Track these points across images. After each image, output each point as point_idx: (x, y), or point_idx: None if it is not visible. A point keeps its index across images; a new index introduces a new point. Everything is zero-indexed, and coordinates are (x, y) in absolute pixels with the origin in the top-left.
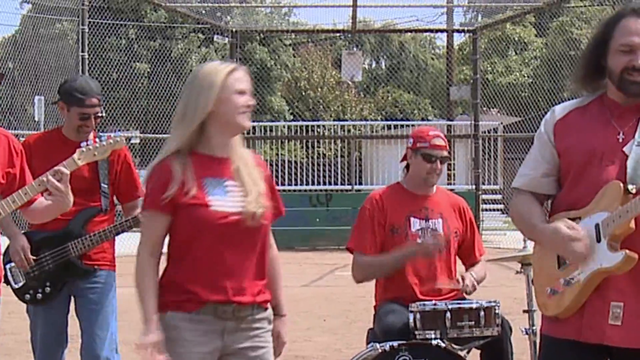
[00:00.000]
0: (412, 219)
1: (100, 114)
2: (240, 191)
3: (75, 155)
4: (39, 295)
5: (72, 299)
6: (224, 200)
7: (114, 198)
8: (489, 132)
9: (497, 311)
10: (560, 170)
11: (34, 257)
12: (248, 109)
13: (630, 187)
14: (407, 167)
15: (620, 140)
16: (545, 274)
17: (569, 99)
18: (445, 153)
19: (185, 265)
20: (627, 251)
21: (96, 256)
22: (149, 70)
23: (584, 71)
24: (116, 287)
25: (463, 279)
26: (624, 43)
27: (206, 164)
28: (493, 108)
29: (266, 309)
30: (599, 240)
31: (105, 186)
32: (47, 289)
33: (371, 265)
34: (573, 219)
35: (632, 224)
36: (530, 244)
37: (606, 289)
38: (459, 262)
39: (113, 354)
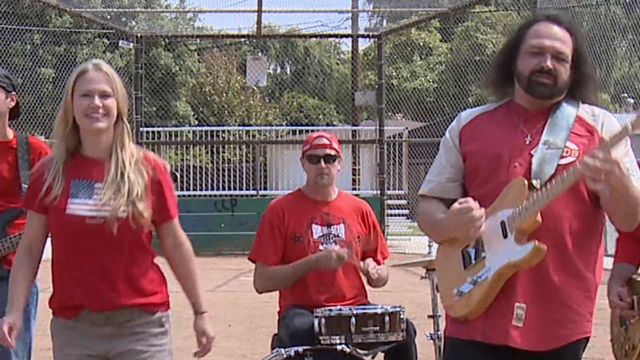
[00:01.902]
0: (313, 225)
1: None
2: (106, 194)
3: None
4: None
5: None
6: (86, 204)
7: None
8: (394, 137)
9: (402, 316)
10: (465, 172)
11: None
12: (92, 111)
13: (534, 182)
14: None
15: (528, 142)
16: (450, 275)
17: (474, 104)
18: (329, 151)
19: (58, 270)
20: (537, 242)
21: None
22: (54, 75)
23: (494, 76)
24: (38, 292)
25: (367, 266)
26: (534, 45)
27: (79, 165)
28: (398, 113)
29: (153, 312)
30: (505, 236)
31: (27, 187)
32: None
33: (273, 277)
34: None
35: (539, 217)
36: (435, 249)
37: (511, 290)
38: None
39: None
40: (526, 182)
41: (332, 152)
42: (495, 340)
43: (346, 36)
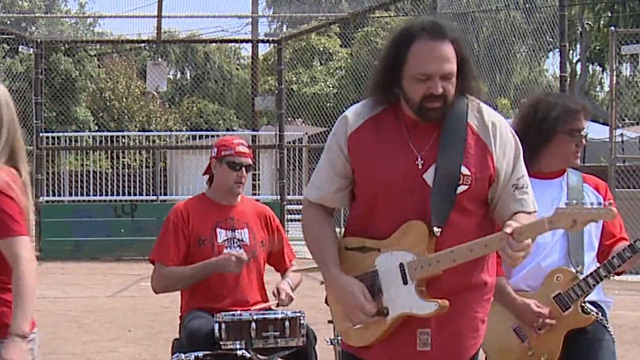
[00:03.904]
0: (218, 229)
1: None
2: None
3: None
4: None
5: None
6: None
7: None
8: (293, 143)
9: (302, 321)
10: (353, 184)
11: None
12: None
13: (435, 230)
14: (210, 179)
15: (420, 166)
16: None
17: None
18: (249, 161)
19: None
20: (440, 301)
21: None
22: None
23: (378, 89)
24: None
25: (279, 292)
26: (420, 72)
27: None
28: (298, 118)
29: None
30: (405, 283)
31: None
32: None
33: (170, 277)
34: (370, 249)
35: (441, 272)
36: None
37: (410, 318)
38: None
39: None
40: (427, 229)
41: (251, 162)
42: None
43: (246, 41)
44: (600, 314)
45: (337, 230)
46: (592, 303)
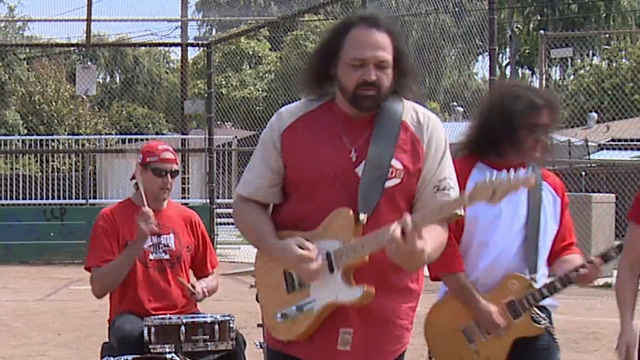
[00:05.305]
0: None
1: None
2: None
3: None
4: None
5: None
6: None
7: None
8: (223, 146)
9: (231, 325)
10: (285, 179)
11: None
12: None
13: (361, 216)
14: (137, 183)
15: (354, 159)
16: (273, 295)
17: None
18: (175, 167)
19: None
20: (366, 287)
21: None
22: None
23: (311, 79)
24: None
25: (194, 287)
26: (355, 57)
27: None
28: (227, 122)
29: None
30: (331, 271)
31: None
32: None
33: (105, 273)
34: None
35: (367, 257)
36: None
37: (334, 316)
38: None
39: None
40: (352, 215)
41: (176, 167)
42: None
43: (175, 45)
44: (547, 320)
45: None
46: (539, 307)
